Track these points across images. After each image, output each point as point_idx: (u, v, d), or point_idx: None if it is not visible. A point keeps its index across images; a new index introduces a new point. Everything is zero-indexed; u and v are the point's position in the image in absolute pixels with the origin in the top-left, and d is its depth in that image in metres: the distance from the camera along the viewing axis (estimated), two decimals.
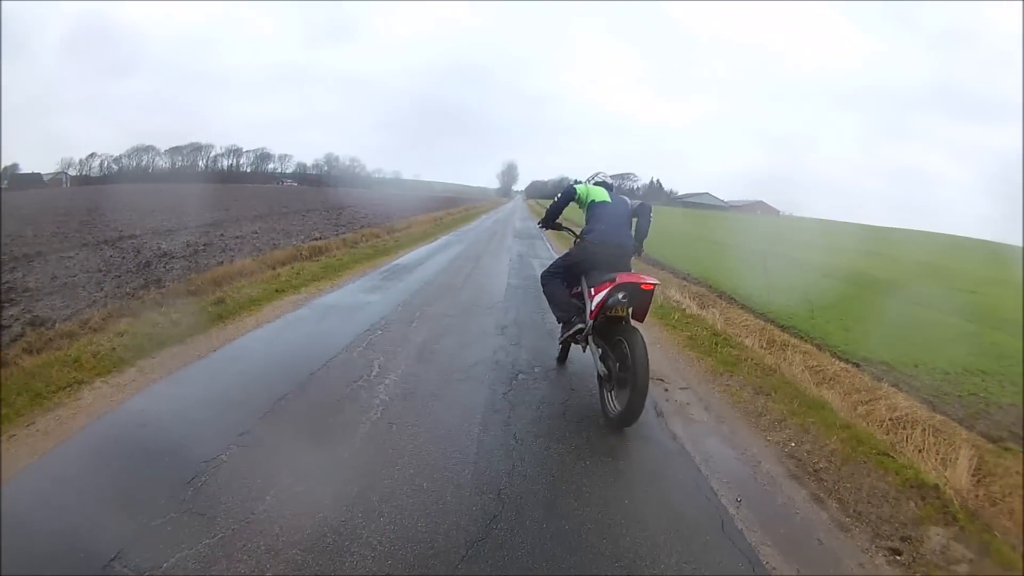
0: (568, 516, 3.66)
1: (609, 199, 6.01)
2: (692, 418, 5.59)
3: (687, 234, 32.35)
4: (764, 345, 8.36)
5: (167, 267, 12.63)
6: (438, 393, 5.72)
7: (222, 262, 12.89)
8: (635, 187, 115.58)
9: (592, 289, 5.69)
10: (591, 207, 6.00)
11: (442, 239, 22.88)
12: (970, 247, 42.29)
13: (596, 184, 6.31)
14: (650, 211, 6.25)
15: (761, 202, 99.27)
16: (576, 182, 6.25)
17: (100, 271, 12.04)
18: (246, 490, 3.72)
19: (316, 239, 17.91)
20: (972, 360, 8.27)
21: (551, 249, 20.58)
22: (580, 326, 5.77)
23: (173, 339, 6.94)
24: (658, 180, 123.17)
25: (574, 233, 6.47)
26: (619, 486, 4.15)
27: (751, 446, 5.06)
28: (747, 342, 8.41)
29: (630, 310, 5.48)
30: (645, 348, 5.02)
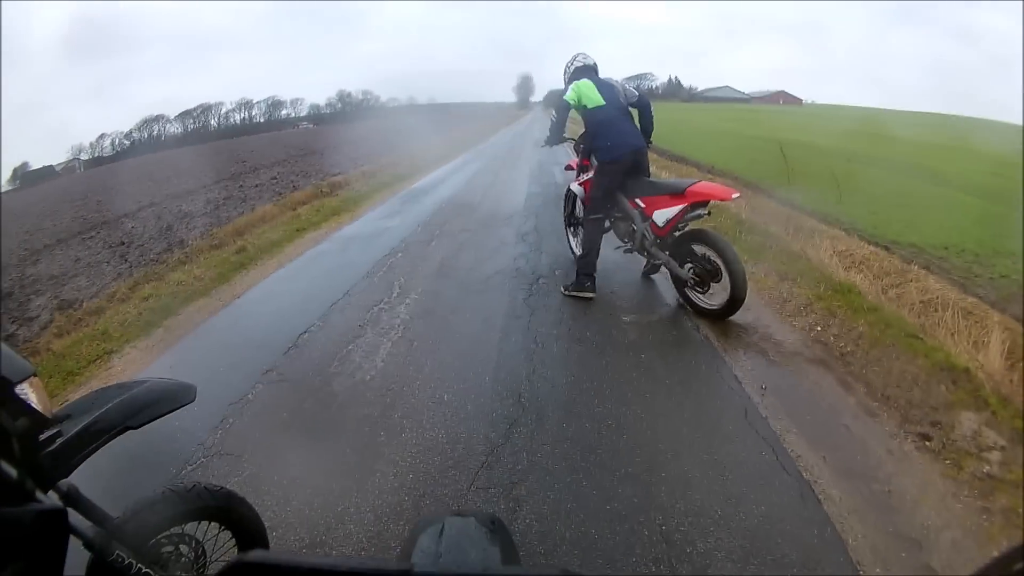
0: (587, 415, 3.60)
1: (602, 100, 5.62)
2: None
3: (714, 129, 31.49)
4: (790, 232, 8.12)
5: (189, 227, 12.73)
6: (458, 306, 5.69)
7: (243, 212, 12.93)
8: (654, 86, 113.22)
9: (642, 201, 5.55)
10: (589, 115, 5.72)
11: (460, 158, 22.51)
12: (996, 128, 40.55)
13: (578, 73, 5.93)
14: (649, 107, 5.94)
15: (783, 91, 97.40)
16: (563, 93, 5.83)
17: (123, 244, 12.17)
18: (270, 425, 3.75)
19: (335, 175, 17.84)
20: (1001, 242, 7.97)
21: (570, 152, 20.07)
22: (593, 278, 5.73)
23: (198, 293, 6.97)
24: (676, 78, 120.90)
25: (577, 142, 6.38)
26: (640, 381, 4.08)
27: (776, 332, 4.91)
28: (772, 229, 8.18)
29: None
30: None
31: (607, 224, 6.01)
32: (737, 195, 5.14)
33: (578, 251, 6.54)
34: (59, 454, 1.52)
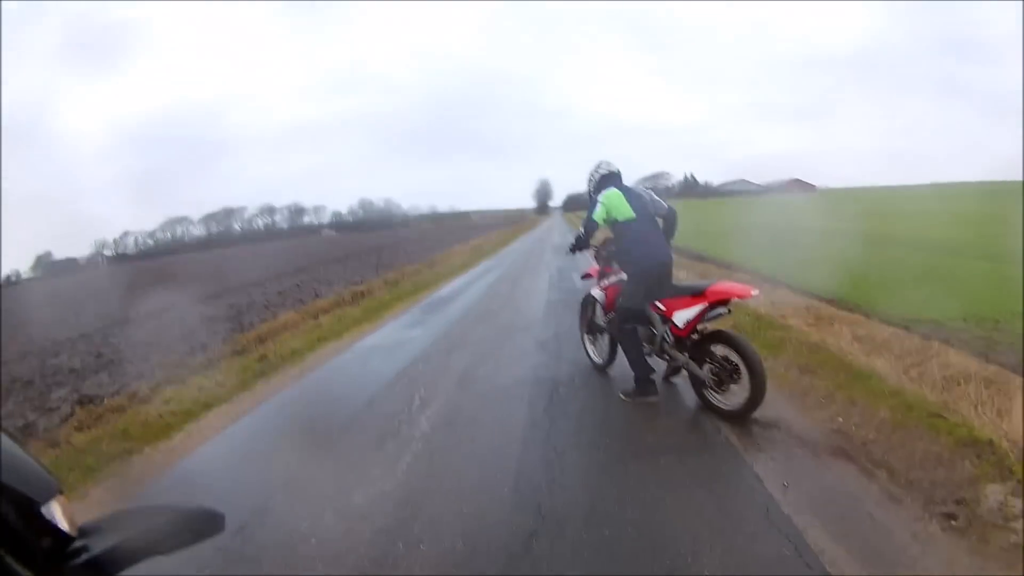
0: (608, 522, 3.57)
1: (633, 213, 5.68)
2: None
3: (731, 224, 31.83)
4: (811, 322, 8.16)
5: (212, 331, 12.89)
6: (478, 417, 5.71)
7: (265, 319, 13.11)
8: (669, 185, 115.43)
9: (662, 304, 5.63)
10: (620, 228, 5.77)
11: (481, 266, 22.97)
12: (999, 191, 40.80)
13: (604, 182, 6.00)
14: (675, 217, 6.02)
15: (796, 180, 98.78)
16: (592, 211, 5.79)
17: (146, 344, 12.29)
18: (290, 533, 3.76)
19: (356, 283, 18.15)
20: (1017, 302, 7.95)
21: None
22: (654, 381, 5.77)
23: (219, 400, 7.07)
24: (692, 175, 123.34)
25: (598, 249, 6.64)
26: (660, 485, 4.05)
27: (797, 427, 4.88)
28: (791, 321, 8.23)
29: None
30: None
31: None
32: (756, 292, 5.31)
33: (597, 359, 6.94)
34: (85, 568, 1.56)
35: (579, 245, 6.14)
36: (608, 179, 6.02)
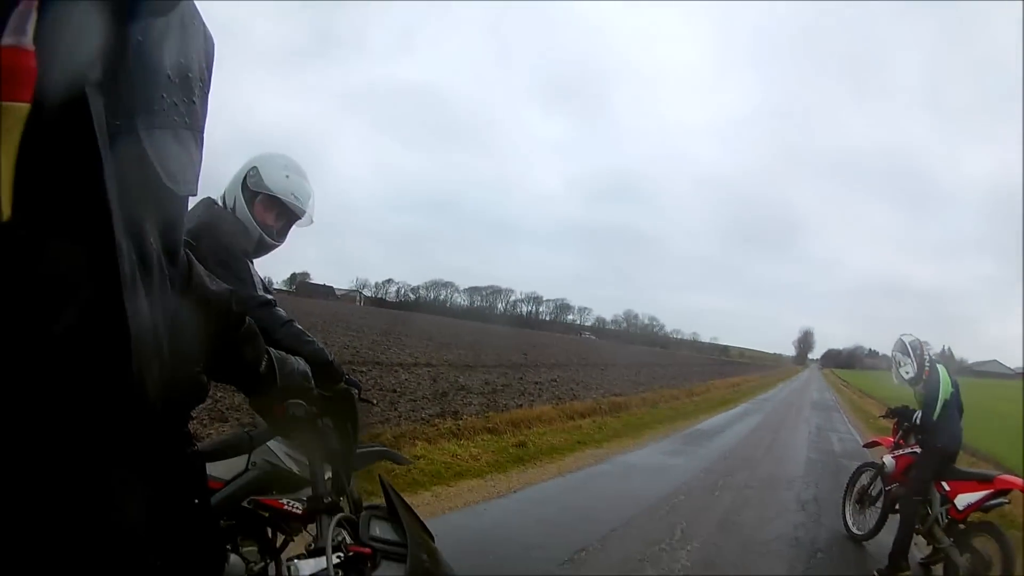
0: None
1: (950, 393, 5.75)
2: None
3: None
4: None
5: (465, 400, 13.03)
6: (739, 564, 5.66)
7: (521, 405, 13.28)
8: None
9: (947, 484, 5.54)
10: (945, 405, 5.73)
11: (741, 407, 22.34)
12: None
13: (932, 361, 6.00)
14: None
15: None
16: (934, 401, 5.75)
17: (394, 391, 12.58)
18: None
19: (616, 395, 18.21)
20: None
21: (848, 423, 19.89)
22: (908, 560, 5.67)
23: (471, 473, 7.44)
24: (949, 348, 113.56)
25: (896, 414, 6.39)
26: None
27: None
28: None
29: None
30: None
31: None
32: None
33: (856, 530, 6.68)
34: None
35: (904, 417, 6.19)
36: (932, 361, 6.00)
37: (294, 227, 2.90)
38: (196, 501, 0.87)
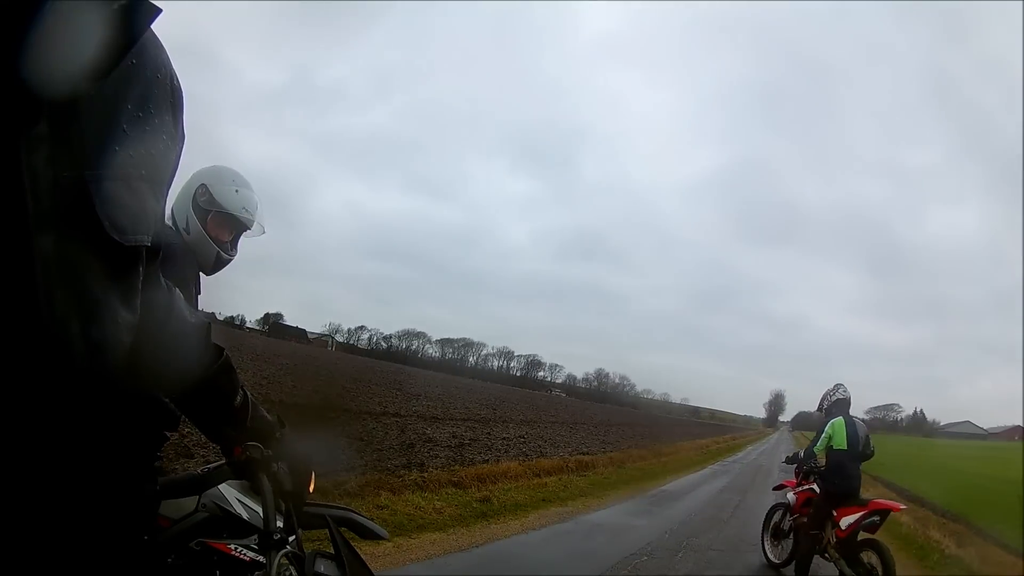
0: None
1: (846, 445, 6.78)
2: None
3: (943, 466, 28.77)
4: None
5: (431, 453, 12.75)
6: None
7: (487, 460, 13.04)
8: (899, 418, 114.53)
9: (835, 511, 6.66)
10: (831, 453, 6.89)
11: (708, 468, 22.29)
12: None
13: (838, 407, 7.11)
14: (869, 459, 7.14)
15: (1019, 427, 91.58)
16: (816, 440, 7.12)
17: (361, 439, 12.08)
18: None
19: (583, 453, 18.00)
20: None
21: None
22: None
23: (434, 525, 7.27)
24: (921, 411, 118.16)
25: (801, 460, 7.53)
26: None
27: None
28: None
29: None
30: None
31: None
32: (903, 507, 6.92)
33: (774, 559, 7.81)
34: None
35: (794, 460, 7.69)
36: (839, 405, 7.12)
37: (243, 237, 2.87)
38: (144, 537, 0.89)
